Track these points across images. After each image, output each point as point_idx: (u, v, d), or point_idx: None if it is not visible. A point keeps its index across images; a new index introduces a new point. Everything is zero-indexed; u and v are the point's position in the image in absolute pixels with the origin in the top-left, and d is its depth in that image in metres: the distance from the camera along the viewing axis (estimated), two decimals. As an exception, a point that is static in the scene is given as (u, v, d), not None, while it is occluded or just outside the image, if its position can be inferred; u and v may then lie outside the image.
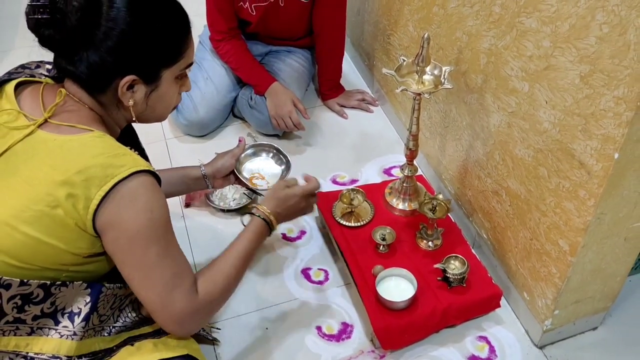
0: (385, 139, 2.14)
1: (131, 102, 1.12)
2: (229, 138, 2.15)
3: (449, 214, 1.67)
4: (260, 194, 1.85)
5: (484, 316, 1.58)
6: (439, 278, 1.55)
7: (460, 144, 1.70)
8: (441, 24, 1.65)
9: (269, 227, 1.33)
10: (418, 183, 1.75)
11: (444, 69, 1.47)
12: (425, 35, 1.39)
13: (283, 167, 1.63)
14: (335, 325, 1.58)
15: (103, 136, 1.09)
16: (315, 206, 1.78)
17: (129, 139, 1.32)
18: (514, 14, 1.30)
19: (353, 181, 1.97)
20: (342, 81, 2.27)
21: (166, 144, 2.11)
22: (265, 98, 2.05)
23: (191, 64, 1.20)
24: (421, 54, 1.43)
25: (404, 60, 1.51)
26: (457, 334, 1.55)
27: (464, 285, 1.53)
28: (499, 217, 1.57)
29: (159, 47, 1.10)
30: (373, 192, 1.78)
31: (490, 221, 1.63)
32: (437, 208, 1.59)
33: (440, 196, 1.60)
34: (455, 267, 1.54)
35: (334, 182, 1.98)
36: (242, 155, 1.60)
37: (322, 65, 2.21)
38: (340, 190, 1.78)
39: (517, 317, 1.59)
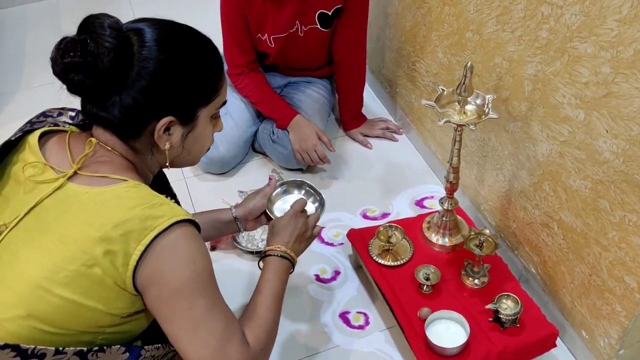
0: (413, 168, 2.05)
1: (168, 146, 1.05)
2: (251, 174, 2.07)
3: (493, 248, 1.58)
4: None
5: (539, 357, 1.48)
6: (490, 319, 1.45)
7: (502, 173, 1.61)
8: (476, 50, 1.57)
9: (289, 260, 1.25)
10: (458, 217, 1.66)
11: (487, 97, 1.39)
12: (469, 65, 1.31)
13: (317, 204, 1.54)
14: (381, 374, 1.48)
15: (138, 185, 1.01)
16: (349, 243, 1.71)
17: (161, 185, 1.24)
18: (565, 38, 1.23)
19: (384, 215, 1.89)
20: (363, 110, 2.20)
21: (186, 184, 2.02)
22: (288, 132, 1.97)
23: (225, 102, 1.13)
24: (464, 83, 1.35)
25: (443, 90, 1.43)
26: (512, 378, 1.45)
27: (518, 325, 1.44)
28: (550, 250, 1.48)
29: (194, 85, 1.04)
30: (409, 227, 1.69)
31: (539, 255, 1.54)
32: (484, 244, 1.50)
33: (487, 231, 1.51)
34: (508, 307, 1.44)
35: (365, 216, 1.89)
36: (273, 194, 1.51)
37: (343, 95, 2.13)
38: (374, 227, 1.70)
39: (574, 357, 1.49)
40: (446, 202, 1.60)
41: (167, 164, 1.11)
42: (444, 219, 1.63)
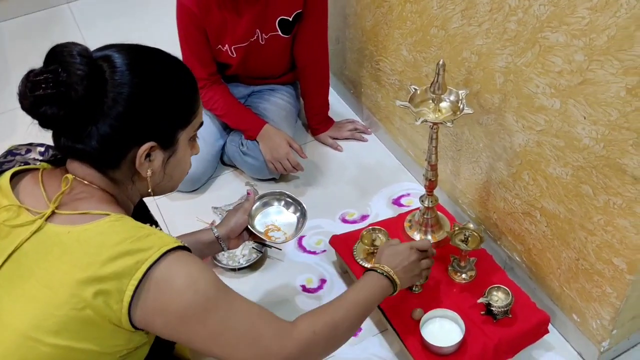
0: (386, 167, 2.05)
1: (149, 172, 1.01)
2: (223, 189, 2.02)
3: (477, 241, 1.59)
4: (274, 247, 1.74)
5: (533, 344, 1.50)
6: (482, 312, 1.46)
7: (478, 166, 1.62)
8: (442, 46, 1.57)
9: (390, 281, 1.26)
10: (439, 213, 1.66)
11: (460, 93, 1.39)
12: (441, 62, 1.31)
13: (298, 214, 1.52)
14: (380, 379, 1.47)
15: (121, 218, 0.97)
16: (333, 250, 1.69)
17: (141, 213, 1.20)
18: (535, 29, 1.23)
19: (364, 217, 1.88)
20: (329, 113, 2.18)
21: (157, 205, 1.96)
22: (258, 142, 1.94)
23: (202, 123, 1.10)
24: (436, 81, 1.35)
25: (415, 90, 1.42)
26: (509, 369, 1.46)
27: (510, 316, 1.44)
28: (534, 238, 1.50)
29: (172, 107, 1.01)
30: (391, 228, 1.68)
31: (523, 244, 1.55)
32: (469, 239, 1.50)
33: (471, 225, 1.52)
34: (499, 299, 1.45)
35: (344, 220, 1.87)
36: (253, 209, 1.48)
37: (309, 99, 2.11)
38: (356, 231, 1.69)
39: (567, 341, 1.51)
40: (426, 199, 1.59)
41: (149, 192, 1.06)
42: (425, 216, 1.63)
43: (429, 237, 1.64)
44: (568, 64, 1.18)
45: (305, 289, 1.69)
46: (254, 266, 1.75)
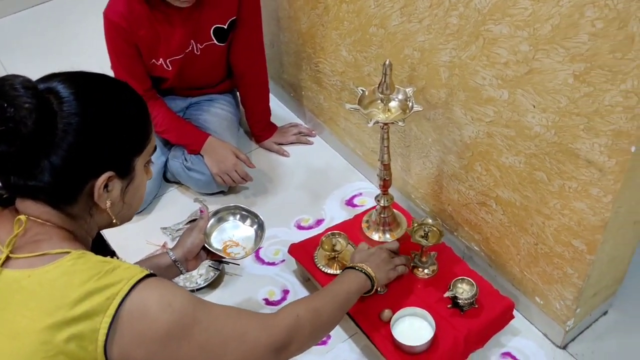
0: (335, 169, 2.03)
1: (108, 204, 0.96)
2: (169, 207, 1.95)
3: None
4: (232, 263, 1.69)
5: (500, 331, 1.52)
6: (449, 305, 1.47)
7: (429, 160, 1.63)
8: (383, 44, 1.57)
9: (366, 275, 1.35)
10: (395, 210, 1.66)
11: (407, 91, 1.39)
12: (387, 62, 1.30)
13: (255, 227, 1.48)
14: (355, 385, 1.45)
15: (83, 255, 0.91)
16: (292, 258, 1.66)
17: (99, 245, 1.13)
18: (478, 22, 1.24)
19: (319, 222, 1.85)
20: (271, 118, 2.14)
21: (103, 232, 1.87)
22: (202, 156, 1.88)
23: (156, 147, 1.06)
24: (384, 81, 1.34)
25: (363, 91, 1.41)
26: (479, 359, 1.47)
27: (476, 306, 1.46)
28: (491, 227, 1.52)
29: (125, 134, 0.96)
30: (348, 230, 1.66)
31: (480, 233, 1.57)
32: (429, 234, 1.51)
33: (430, 220, 1.52)
34: (464, 291, 1.46)
35: (300, 227, 1.84)
36: (208, 226, 1.43)
37: (250, 107, 2.07)
38: (314, 237, 1.67)
39: (532, 323, 1.54)
40: (382, 199, 1.59)
41: (109, 223, 1.02)
42: (382, 215, 1.62)
43: (387, 235, 1.64)
44: (514, 55, 1.20)
45: (268, 302, 1.65)
46: (212, 285, 1.69)
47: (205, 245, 1.38)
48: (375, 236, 1.64)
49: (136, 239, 1.82)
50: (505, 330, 1.51)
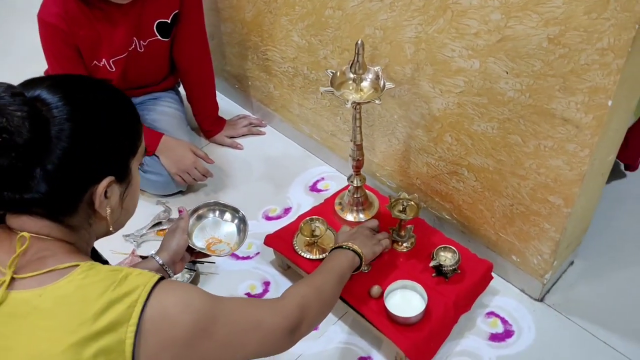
0: (293, 156, 2.02)
1: (109, 211, 0.92)
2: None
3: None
4: (207, 262, 1.65)
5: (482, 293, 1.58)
6: (433, 275, 1.51)
7: (395, 137, 1.65)
8: (341, 26, 1.57)
9: (353, 252, 1.38)
10: (366, 190, 1.68)
11: (376, 69, 1.41)
12: (359, 42, 1.31)
13: (236, 221, 1.45)
14: (353, 364, 1.47)
15: (93, 266, 0.87)
16: (268, 250, 1.65)
17: (93, 256, 1.08)
18: (445, -4, 1.27)
19: (287, 210, 1.84)
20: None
21: (58, 247, 1.77)
22: (158, 157, 1.81)
23: (146, 148, 1.03)
24: (357, 61, 1.35)
25: (332, 73, 1.41)
26: (466, 322, 1.52)
27: (459, 271, 1.51)
28: (463, 194, 1.57)
29: (119, 135, 0.92)
30: (322, 214, 1.66)
31: (452, 202, 1.62)
32: (407, 209, 1.54)
33: (405, 194, 1.55)
34: (447, 259, 1.50)
35: (268, 218, 1.83)
36: (192, 220, 1.40)
37: (197, 102, 2.01)
38: (289, 225, 1.66)
39: (509, 282, 1.62)
40: (355, 179, 1.60)
41: (107, 232, 0.97)
42: (355, 196, 1.64)
43: (362, 215, 1.65)
44: (484, 25, 1.24)
45: (251, 296, 1.63)
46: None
47: (190, 245, 1.35)
48: (350, 217, 1.65)
49: (100, 250, 1.72)
50: (485, 291, 1.58)
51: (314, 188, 1.91)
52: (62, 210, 0.88)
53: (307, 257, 1.57)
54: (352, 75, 1.39)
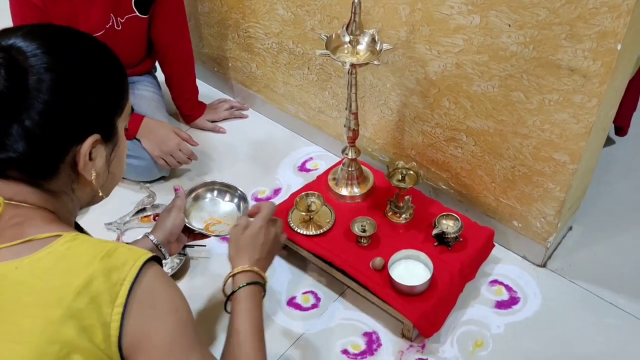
0: (278, 138, 1.96)
1: (94, 174, 0.84)
2: (108, 203, 1.73)
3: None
4: (197, 245, 1.57)
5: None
6: (435, 244, 1.47)
7: (388, 107, 1.61)
8: (329, -8, 1.53)
9: (260, 284, 1.09)
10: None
11: (371, 32, 1.36)
12: (356, 1, 1.26)
13: (236, 200, 1.38)
14: (359, 340, 1.41)
15: (77, 237, 0.80)
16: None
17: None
18: (443, -51, 1.24)
19: (276, 191, 1.78)
20: (197, 97, 2.03)
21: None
22: (139, 140, 1.73)
23: (132, 108, 0.93)
24: (354, 20, 1.30)
25: (326, 37, 1.36)
26: (470, 291, 1.49)
27: (461, 240, 1.47)
28: (461, 161, 1.54)
29: (103, 89, 0.83)
30: (315, 190, 1.61)
31: (449, 170, 1.58)
32: (406, 177, 1.50)
33: (402, 163, 1.51)
34: (449, 227, 1.47)
35: (258, 200, 1.76)
36: (188, 202, 1.33)
37: (176, 84, 1.93)
38: (282, 203, 1.59)
39: (509, 249, 1.59)
40: (350, 151, 1.55)
41: (99, 195, 0.89)
42: (349, 169, 1.59)
43: (357, 189, 1.60)
44: (485, -24, 1.21)
45: (245, 278, 1.56)
46: (179, 273, 1.56)
47: (187, 224, 1.27)
48: (345, 191, 1.60)
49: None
50: (487, 260, 1.54)
51: (303, 168, 1.85)
52: (41, 172, 0.80)
53: (304, 233, 1.51)
54: (348, 38, 1.35)
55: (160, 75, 1.97)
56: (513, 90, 1.31)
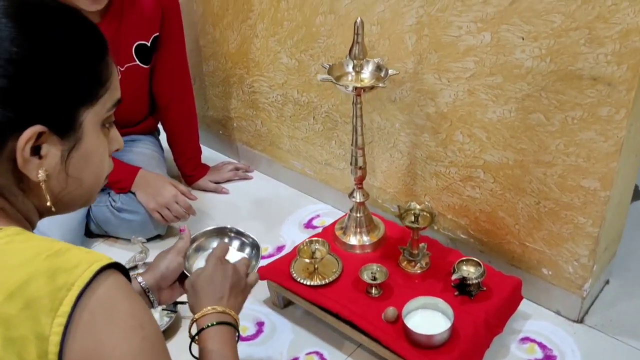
0: (284, 197, 1.85)
1: (42, 175, 0.69)
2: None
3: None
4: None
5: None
6: (456, 294, 1.30)
7: (397, 150, 1.51)
8: (333, 32, 1.48)
9: (231, 324, 0.96)
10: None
11: (376, 60, 1.29)
12: (358, 21, 1.19)
13: (248, 249, 1.23)
14: (371, 404, 1.21)
15: (22, 232, 0.67)
16: (261, 287, 1.41)
17: None
18: (448, -34, 1.19)
19: (280, 248, 1.64)
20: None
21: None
22: (134, 193, 1.63)
23: (119, 100, 0.78)
24: (357, 42, 1.22)
25: (329, 66, 1.29)
26: (499, 349, 1.30)
27: (484, 289, 1.31)
28: (480, 203, 1.40)
29: (67, 71, 0.69)
30: (321, 242, 1.47)
31: (467, 215, 1.45)
32: (419, 218, 1.36)
33: (414, 204, 1.37)
34: (470, 272, 1.31)
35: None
36: (190, 250, 1.16)
37: (178, 143, 1.86)
38: (284, 256, 1.45)
39: (539, 304, 1.41)
40: (357, 194, 1.43)
41: (48, 205, 0.72)
42: (358, 215, 1.46)
43: (366, 238, 1.46)
44: (494, -12, 1.15)
45: (242, 339, 1.38)
46: (169, 332, 1.40)
47: (185, 271, 1.11)
48: (354, 240, 1.46)
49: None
50: (515, 315, 1.36)
51: (309, 225, 1.72)
52: None
53: (308, 283, 1.36)
54: (351, 65, 1.27)
55: (163, 137, 1.91)
56: (531, 112, 1.21)
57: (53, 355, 0.59)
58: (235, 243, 1.22)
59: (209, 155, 2.04)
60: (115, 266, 0.66)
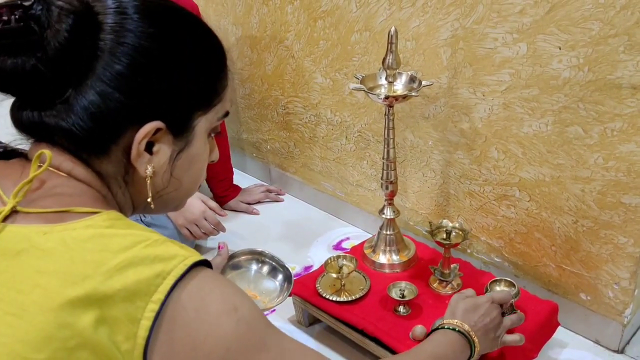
0: (314, 220, 1.83)
1: (150, 170, 0.69)
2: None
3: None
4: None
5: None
6: (488, 314, 1.24)
7: (430, 169, 1.48)
8: (368, 49, 1.48)
9: (470, 344, 1.02)
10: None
11: (409, 73, 1.28)
12: (393, 30, 1.19)
13: (280, 277, 1.22)
14: None
15: (121, 218, 0.66)
16: (286, 306, 1.37)
17: None
18: (484, -23, 1.19)
19: (307, 268, 1.61)
20: (233, 182, 1.95)
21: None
22: (164, 208, 1.63)
23: (227, 113, 0.77)
24: (390, 51, 1.22)
25: (361, 77, 1.29)
26: (535, 375, 1.22)
27: (517, 311, 1.24)
28: (515, 223, 1.35)
29: (191, 75, 0.70)
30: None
31: (502, 237, 1.40)
32: (452, 235, 1.32)
33: (446, 221, 1.34)
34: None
35: (286, 276, 1.58)
36: (227, 267, 1.16)
37: (210, 164, 1.86)
38: (311, 273, 1.42)
39: (576, 333, 1.33)
40: (387, 210, 1.40)
41: (146, 203, 0.72)
42: (387, 233, 1.42)
43: (396, 257, 1.42)
44: (530, -2, 1.14)
45: (264, 354, 1.34)
46: None
47: None
48: (383, 258, 1.42)
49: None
50: (552, 343, 1.29)
51: (338, 247, 1.69)
52: (89, 147, 0.67)
53: (335, 299, 1.32)
54: (384, 76, 1.27)
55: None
56: (569, 124, 1.17)
57: (141, 340, 0.58)
58: (271, 269, 1.23)
59: (243, 179, 2.05)
60: (205, 263, 0.65)
